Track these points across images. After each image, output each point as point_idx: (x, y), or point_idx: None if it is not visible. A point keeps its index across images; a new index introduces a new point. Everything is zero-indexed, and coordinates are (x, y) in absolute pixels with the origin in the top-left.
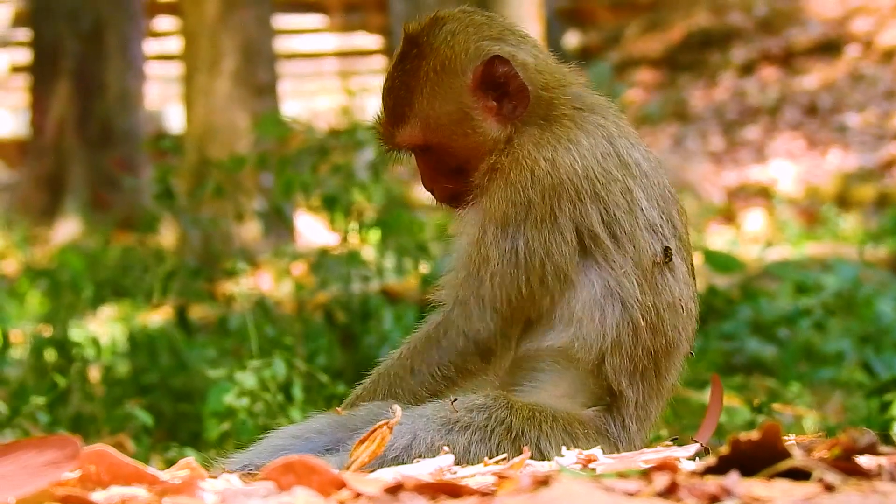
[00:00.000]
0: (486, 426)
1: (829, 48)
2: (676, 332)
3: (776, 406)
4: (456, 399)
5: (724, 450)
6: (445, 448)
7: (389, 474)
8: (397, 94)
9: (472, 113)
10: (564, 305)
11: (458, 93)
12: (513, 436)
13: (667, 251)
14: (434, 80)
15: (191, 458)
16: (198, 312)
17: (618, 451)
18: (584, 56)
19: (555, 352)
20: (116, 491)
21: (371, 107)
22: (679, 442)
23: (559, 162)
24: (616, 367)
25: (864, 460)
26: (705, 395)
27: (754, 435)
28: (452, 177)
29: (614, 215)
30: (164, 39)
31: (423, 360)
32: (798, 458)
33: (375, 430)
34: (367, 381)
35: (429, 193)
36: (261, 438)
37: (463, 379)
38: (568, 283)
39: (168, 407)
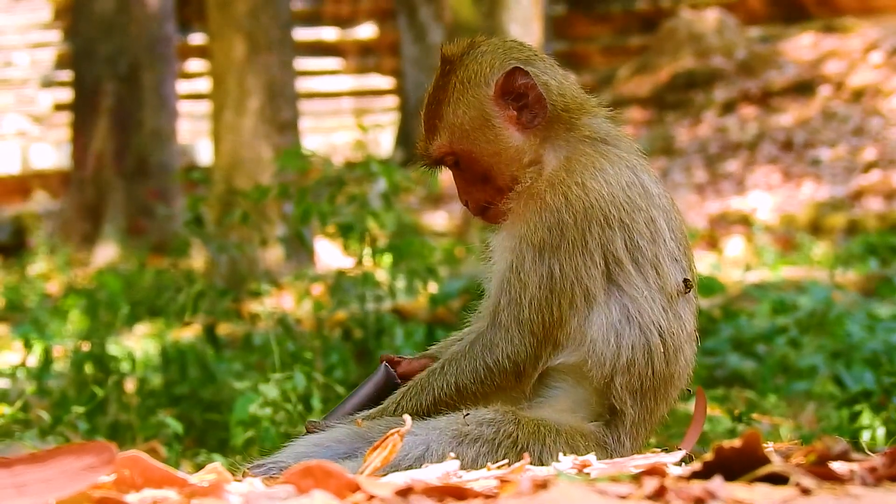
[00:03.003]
0: (494, 439)
1: (803, 89)
2: (683, 363)
3: (755, 416)
4: (468, 413)
5: (709, 456)
6: (452, 454)
7: (400, 478)
8: (429, 108)
9: (493, 121)
10: (580, 325)
11: (482, 101)
12: (518, 449)
13: (686, 283)
14: (460, 90)
15: (218, 463)
16: (225, 329)
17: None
18: None
19: (567, 368)
20: (149, 493)
21: (383, 142)
22: (667, 449)
23: (589, 187)
24: (624, 386)
25: (837, 466)
26: (690, 406)
27: (736, 442)
28: (482, 187)
29: (637, 243)
30: (194, 80)
31: (465, 376)
32: (777, 464)
33: (387, 437)
34: (406, 388)
35: (464, 207)
36: (285, 445)
37: (494, 395)
38: (594, 305)
39: (197, 416)
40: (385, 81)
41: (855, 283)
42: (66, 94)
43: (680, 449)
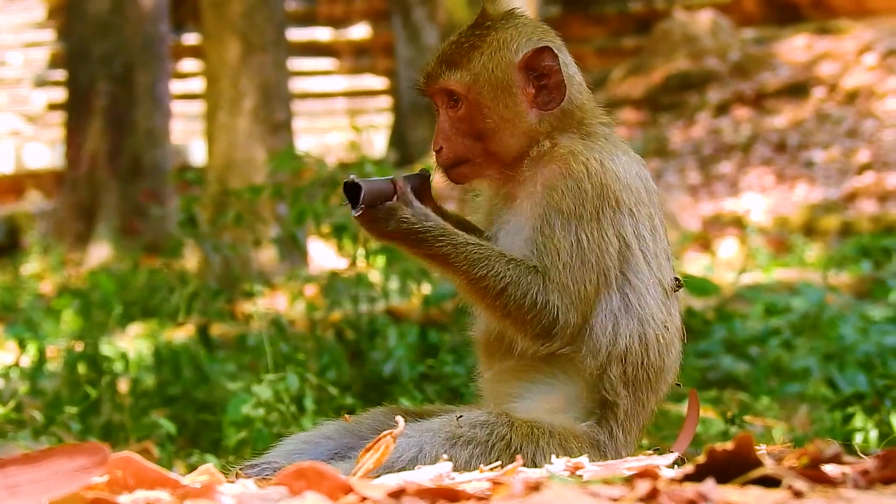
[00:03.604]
0: (488, 441)
1: (797, 90)
2: (675, 356)
3: (748, 418)
4: (461, 416)
5: (701, 459)
6: (445, 456)
7: (393, 480)
8: (460, 47)
9: (513, 88)
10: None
11: (509, 67)
12: (511, 451)
13: (678, 280)
14: (496, 47)
15: (210, 464)
16: (218, 330)
17: (605, 459)
18: None
19: (561, 356)
20: (141, 494)
21: (377, 143)
22: (659, 451)
23: (607, 166)
24: (618, 377)
25: (829, 469)
26: (683, 408)
27: (729, 445)
28: (470, 142)
29: (642, 233)
30: (188, 80)
31: (517, 289)
32: (769, 467)
33: (380, 439)
34: (475, 245)
35: (435, 153)
36: (276, 444)
37: (513, 329)
38: (610, 286)
39: (190, 416)
40: (379, 82)
41: (848, 286)
42: (60, 94)
43: (672, 451)
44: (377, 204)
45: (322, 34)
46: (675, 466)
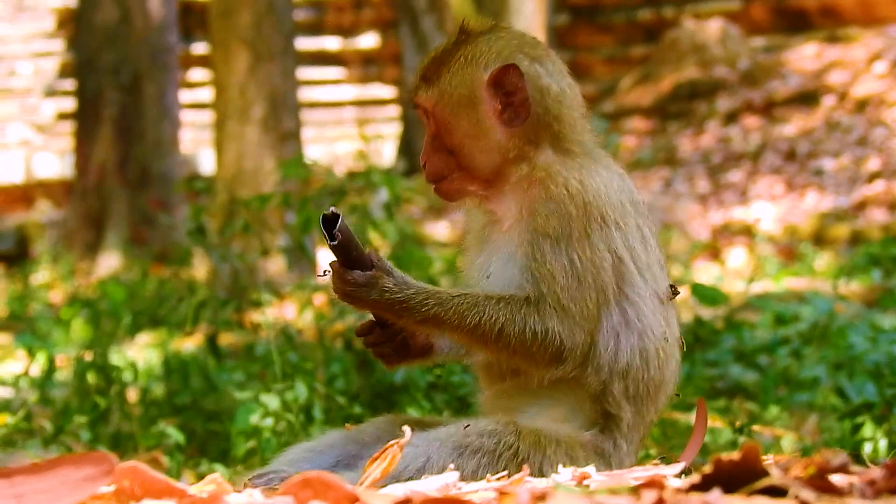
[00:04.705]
0: (495, 450)
1: (806, 99)
2: (674, 367)
3: (756, 427)
4: (468, 425)
5: (708, 469)
6: (452, 466)
7: (399, 490)
8: (431, 62)
9: (479, 105)
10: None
11: (475, 83)
12: (519, 460)
13: (673, 288)
14: (463, 64)
15: (217, 474)
16: (227, 339)
17: (610, 468)
18: None
19: (562, 376)
20: None
21: (386, 152)
22: (666, 461)
23: (586, 184)
24: (621, 392)
25: (837, 479)
26: (691, 418)
27: (735, 455)
28: (445, 157)
29: (632, 245)
30: (197, 90)
31: (513, 326)
32: (776, 477)
33: (387, 448)
34: (457, 294)
35: (422, 167)
36: (280, 453)
37: (521, 363)
38: (609, 302)
39: (199, 426)
40: (387, 91)
41: (858, 295)
42: (69, 104)
43: (681, 461)
44: (354, 267)
45: (330, 43)
46: (682, 476)
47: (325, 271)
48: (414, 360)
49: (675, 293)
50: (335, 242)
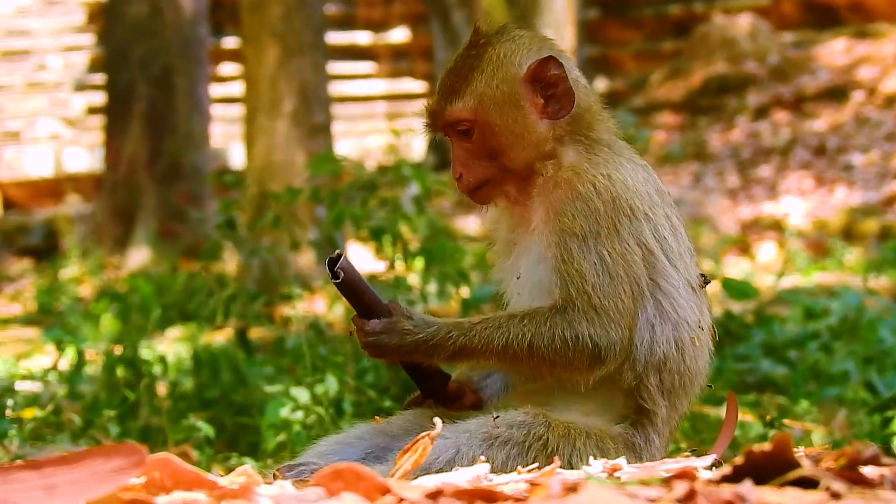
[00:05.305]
0: (525, 441)
1: (836, 94)
2: (707, 357)
3: (786, 421)
4: (498, 416)
5: (739, 460)
6: (482, 457)
7: (430, 482)
8: (458, 73)
9: (521, 102)
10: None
11: (513, 81)
12: (548, 452)
13: (703, 276)
14: (496, 63)
15: (248, 466)
16: (257, 333)
17: (642, 462)
18: (612, 101)
19: None
20: (179, 495)
21: (416, 146)
22: (697, 453)
23: (614, 178)
24: (656, 385)
25: (867, 471)
26: (722, 411)
27: (767, 446)
28: (487, 163)
29: (663, 235)
30: (227, 84)
31: (541, 338)
32: (807, 468)
33: (418, 440)
34: (482, 319)
35: (456, 181)
36: (310, 446)
37: (563, 371)
38: (644, 295)
39: (229, 419)
40: (418, 85)
41: (887, 289)
42: (100, 98)
43: (711, 454)
44: (371, 316)
45: (361, 38)
46: (713, 468)
47: (350, 332)
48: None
49: (707, 281)
50: (338, 280)
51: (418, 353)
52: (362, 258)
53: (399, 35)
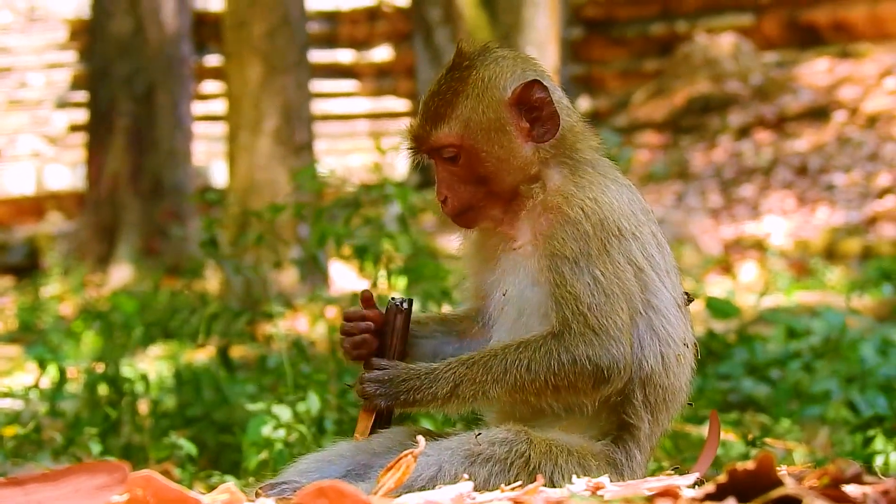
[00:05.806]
0: (507, 458)
1: (818, 114)
2: (688, 373)
3: (769, 440)
4: (480, 433)
5: (722, 478)
6: (465, 476)
7: (413, 499)
8: (443, 97)
9: (507, 126)
10: None
11: (499, 105)
12: (530, 469)
13: (688, 295)
14: (481, 87)
15: (231, 483)
16: (239, 351)
17: (623, 479)
18: (595, 120)
19: None
20: None
21: (400, 164)
22: (680, 471)
23: (601, 201)
24: (640, 401)
25: (850, 489)
26: (704, 430)
27: (750, 465)
28: (473, 188)
29: (650, 252)
30: (210, 102)
31: (539, 363)
32: (790, 487)
33: (400, 458)
34: (480, 354)
35: (440, 203)
36: (291, 464)
37: (566, 393)
38: (637, 311)
39: (211, 438)
40: (401, 104)
41: (869, 309)
42: (82, 115)
43: (694, 472)
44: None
45: (344, 56)
46: (696, 486)
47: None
48: None
49: (690, 299)
50: (402, 307)
51: (421, 405)
52: (345, 276)
53: (382, 53)
